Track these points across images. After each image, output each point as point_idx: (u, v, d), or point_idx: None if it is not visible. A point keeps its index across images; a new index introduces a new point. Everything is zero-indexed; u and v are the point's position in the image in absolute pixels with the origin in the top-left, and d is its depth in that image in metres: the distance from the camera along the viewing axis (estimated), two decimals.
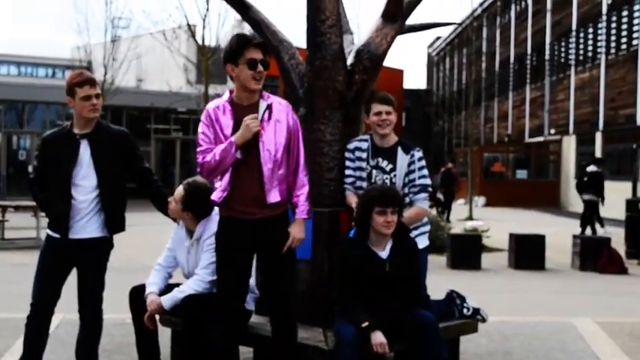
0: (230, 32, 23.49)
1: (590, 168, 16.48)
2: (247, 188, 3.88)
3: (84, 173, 4.27)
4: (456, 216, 20.18)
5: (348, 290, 4.21)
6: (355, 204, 4.47)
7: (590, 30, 26.25)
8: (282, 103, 4.00)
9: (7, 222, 13.00)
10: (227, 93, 4.01)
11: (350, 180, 4.79)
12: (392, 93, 4.99)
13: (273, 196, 3.89)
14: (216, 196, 3.95)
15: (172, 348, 4.91)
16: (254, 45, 3.87)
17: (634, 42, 22.75)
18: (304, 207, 3.97)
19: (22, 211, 13.02)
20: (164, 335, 4.86)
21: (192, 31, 20.07)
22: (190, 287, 4.49)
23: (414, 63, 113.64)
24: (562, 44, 29.11)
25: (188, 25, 19.99)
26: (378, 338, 4.02)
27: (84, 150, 4.29)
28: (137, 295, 4.70)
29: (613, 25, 24.30)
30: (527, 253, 11.09)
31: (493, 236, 12.86)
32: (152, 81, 32.55)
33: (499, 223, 17.09)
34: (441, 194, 20.96)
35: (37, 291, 4.35)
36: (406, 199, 4.59)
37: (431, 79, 54.95)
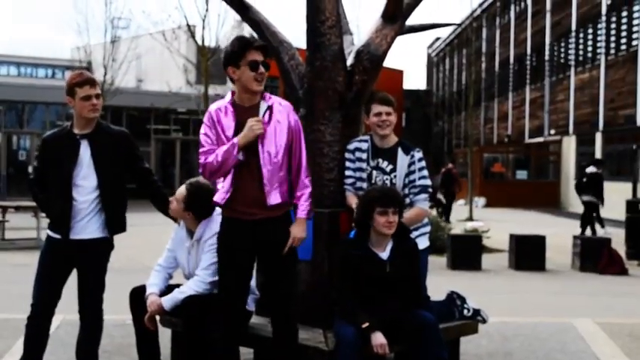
0: (230, 33, 23.50)
1: (589, 169, 16.45)
2: (248, 190, 3.89)
3: (84, 173, 4.27)
4: (456, 217, 20.17)
5: (348, 291, 4.21)
6: (355, 205, 4.47)
7: (589, 30, 26.25)
8: (282, 104, 4.01)
9: (8, 222, 12.99)
10: (229, 94, 4.03)
11: (350, 181, 4.79)
12: (392, 93, 4.99)
13: (273, 198, 3.90)
14: (219, 198, 3.96)
15: (173, 349, 4.91)
16: (255, 47, 3.90)
17: (634, 42, 22.75)
18: (305, 207, 3.97)
19: (23, 212, 13.02)
20: (164, 336, 4.86)
21: (191, 32, 20.06)
22: (191, 288, 4.49)
23: (414, 63, 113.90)
24: (562, 45, 29.12)
25: (188, 26, 19.98)
26: (379, 339, 4.02)
27: (84, 150, 4.29)
28: (137, 296, 4.70)
29: (613, 26, 24.30)
30: (527, 254, 11.08)
31: (493, 237, 12.86)
32: (152, 81, 32.55)
33: (499, 224, 17.09)
34: (442, 195, 20.96)
35: (38, 291, 4.35)
36: (406, 200, 4.59)
37: (431, 80, 54.96)
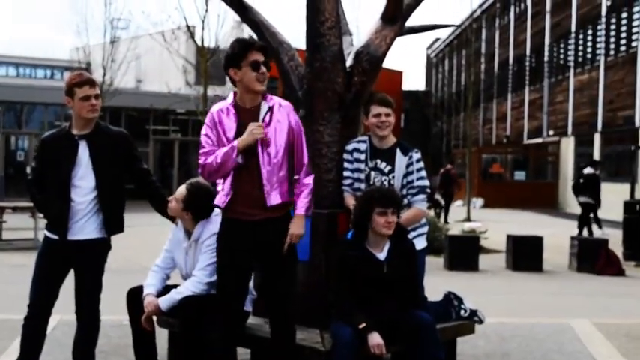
0: (229, 33, 23.46)
1: (586, 170, 16.46)
2: (248, 190, 3.90)
3: (82, 174, 4.27)
4: (454, 217, 20.19)
5: (346, 291, 4.22)
6: (353, 205, 4.47)
7: (589, 32, 26.27)
8: (282, 105, 4.02)
9: (5, 223, 12.98)
10: (231, 96, 4.04)
11: (348, 182, 4.79)
12: (391, 94, 5.00)
13: (273, 198, 3.91)
14: (219, 202, 3.98)
15: (170, 349, 4.92)
16: (255, 48, 3.92)
17: (633, 44, 22.77)
18: (304, 204, 3.98)
19: (20, 212, 12.99)
20: (161, 336, 4.86)
21: (191, 33, 20.03)
22: (188, 288, 4.49)
23: (413, 64, 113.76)
24: (561, 46, 29.14)
25: (187, 26, 19.95)
26: (376, 339, 4.02)
27: (82, 151, 4.29)
28: (135, 297, 4.70)
29: (612, 27, 24.32)
30: (524, 255, 11.09)
31: (491, 237, 12.86)
32: (151, 82, 32.51)
33: (497, 225, 17.09)
34: (440, 196, 20.97)
35: (35, 292, 4.35)
36: (404, 201, 4.60)
37: (430, 81, 54.96)
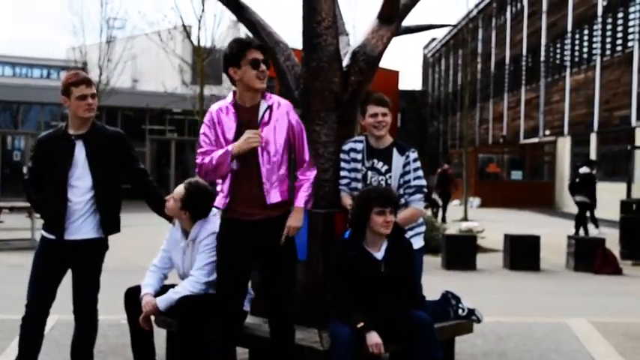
0: (225, 33, 23.43)
1: (582, 169, 16.49)
2: (247, 189, 3.91)
3: (79, 174, 4.27)
4: (451, 217, 20.20)
5: (343, 291, 4.22)
6: (350, 205, 4.47)
7: (585, 32, 26.30)
8: (281, 103, 4.03)
9: (2, 223, 12.96)
10: (230, 95, 4.05)
11: (345, 181, 4.79)
12: (387, 94, 5.00)
13: (273, 196, 3.92)
14: (219, 203, 3.98)
15: (167, 349, 4.92)
16: (254, 47, 3.94)
17: (629, 44, 22.80)
18: (303, 196, 3.99)
19: (17, 212, 12.98)
20: (159, 336, 4.86)
21: (187, 32, 20.00)
22: (185, 288, 4.49)
23: (410, 64, 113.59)
24: (557, 46, 29.17)
25: (183, 26, 19.91)
26: (374, 339, 4.02)
27: (79, 151, 4.29)
28: (132, 297, 4.69)
29: (608, 27, 24.35)
30: (522, 254, 11.11)
31: (488, 237, 12.87)
32: (147, 82, 32.46)
33: (494, 224, 17.11)
34: (437, 195, 20.98)
35: (32, 292, 4.35)
36: (401, 200, 4.60)
37: (426, 81, 54.97)
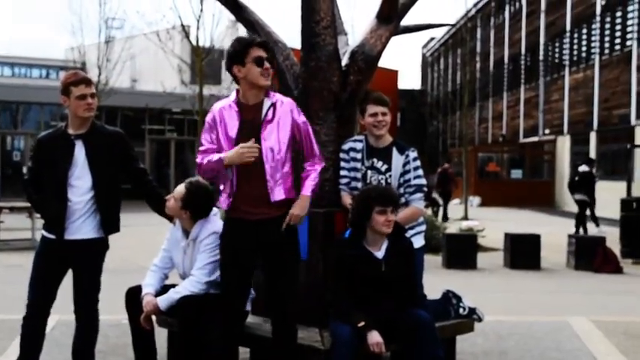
0: (224, 33, 23.43)
1: (581, 168, 16.50)
2: (251, 187, 3.91)
3: (79, 174, 4.27)
4: (452, 216, 20.21)
5: (343, 291, 4.21)
6: (350, 204, 4.47)
7: (584, 30, 26.30)
8: (285, 101, 4.04)
9: (2, 223, 12.95)
10: (234, 93, 4.05)
11: (345, 180, 4.79)
12: (387, 93, 4.99)
13: (277, 194, 3.92)
14: (223, 204, 3.98)
15: (169, 349, 4.92)
16: (257, 44, 3.95)
17: (628, 42, 22.81)
18: (309, 185, 4.01)
19: (17, 212, 12.98)
20: (160, 336, 4.86)
21: (186, 32, 19.97)
22: (186, 288, 4.49)
23: (409, 63, 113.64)
24: (556, 45, 29.17)
25: (182, 26, 19.88)
26: (375, 338, 4.02)
27: (79, 151, 4.28)
28: (133, 296, 4.69)
29: (607, 26, 24.35)
30: (522, 253, 11.10)
31: (488, 236, 12.88)
32: (146, 82, 32.44)
33: (494, 223, 17.10)
34: (438, 194, 20.98)
35: (33, 292, 4.35)
36: (401, 200, 4.60)
37: (425, 80, 54.95)
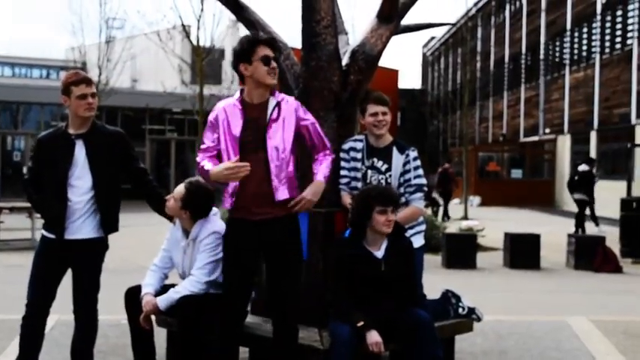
0: (225, 33, 23.44)
1: (581, 167, 16.49)
2: (256, 186, 3.91)
3: (79, 174, 4.27)
4: (452, 215, 20.21)
5: (343, 291, 4.21)
6: (350, 204, 4.47)
7: (584, 29, 26.29)
8: (289, 101, 4.04)
9: (2, 223, 12.95)
10: (238, 92, 4.05)
11: (345, 180, 4.79)
12: (387, 93, 4.99)
13: (281, 193, 3.92)
14: (227, 204, 3.98)
15: (168, 348, 4.92)
16: (263, 42, 3.95)
17: (628, 41, 22.80)
18: (324, 172, 4.04)
19: (17, 212, 12.97)
20: (160, 336, 4.86)
21: (186, 32, 19.99)
22: (186, 288, 4.49)
23: (409, 63, 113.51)
24: (557, 44, 29.16)
25: (183, 26, 19.89)
26: (374, 337, 4.02)
27: (79, 150, 4.29)
28: (133, 296, 4.69)
29: (607, 25, 24.34)
30: (522, 253, 11.10)
31: (488, 235, 12.88)
32: (147, 82, 32.46)
33: (494, 223, 17.10)
34: (438, 194, 20.97)
35: (32, 292, 4.35)
36: (402, 199, 4.60)
37: (426, 79, 54.94)
